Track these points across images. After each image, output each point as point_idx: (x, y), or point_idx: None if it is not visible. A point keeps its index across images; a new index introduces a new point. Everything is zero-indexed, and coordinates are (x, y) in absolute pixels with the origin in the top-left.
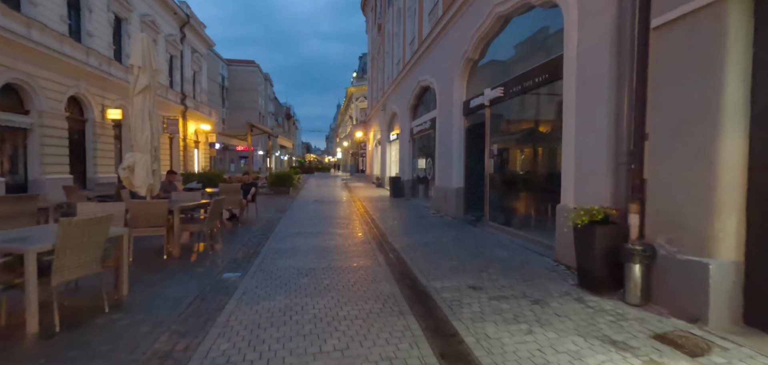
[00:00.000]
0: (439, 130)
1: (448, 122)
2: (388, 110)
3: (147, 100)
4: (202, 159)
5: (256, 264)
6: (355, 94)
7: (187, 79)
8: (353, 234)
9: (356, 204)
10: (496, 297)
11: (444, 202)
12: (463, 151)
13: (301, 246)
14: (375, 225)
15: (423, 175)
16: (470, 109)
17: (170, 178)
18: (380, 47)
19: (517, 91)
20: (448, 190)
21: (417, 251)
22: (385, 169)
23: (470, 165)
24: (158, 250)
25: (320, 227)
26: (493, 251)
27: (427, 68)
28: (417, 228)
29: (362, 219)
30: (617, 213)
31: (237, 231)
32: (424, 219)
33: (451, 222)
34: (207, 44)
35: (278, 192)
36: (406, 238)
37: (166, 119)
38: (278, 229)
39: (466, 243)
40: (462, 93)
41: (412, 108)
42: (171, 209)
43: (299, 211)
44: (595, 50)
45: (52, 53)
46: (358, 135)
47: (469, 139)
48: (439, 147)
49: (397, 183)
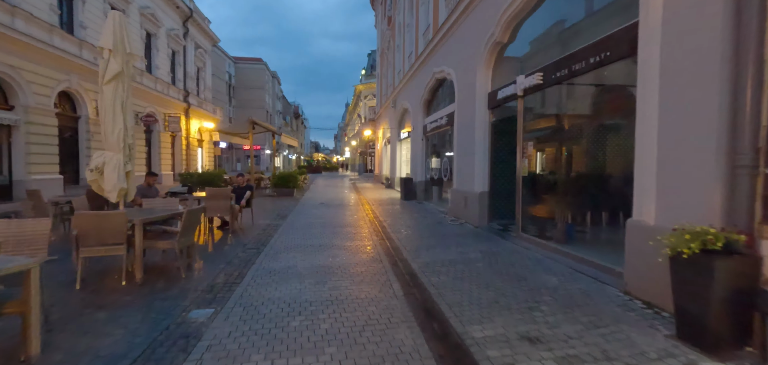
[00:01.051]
0: (458, 126)
1: (470, 117)
2: (398, 107)
3: (120, 90)
4: (206, 158)
5: (236, 295)
6: (364, 92)
7: (190, 75)
8: (361, 247)
9: (364, 209)
10: (565, 357)
11: (464, 208)
12: (487, 150)
13: (299, 266)
14: (386, 235)
15: (437, 176)
16: (497, 101)
17: (149, 181)
18: (390, 41)
19: (562, 76)
20: (469, 194)
21: (441, 273)
22: (395, 169)
23: (496, 165)
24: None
25: (323, 237)
26: (538, 275)
27: (444, 58)
28: (435, 239)
29: (371, 227)
30: (746, 240)
31: (225, 244)
32: (442, 228)
33: (474, 232)
34: (211, 40)
35: (282, 194)
36: (424, 254)
37: (167, 116)
38: (274, 241)
39: (500, 262)
40: (487, 83)
41: (425, 103)
42: (132, 222)
43: (302, 217)
44: (697, 12)
45: (40, 45)
46: (366, 133)
47: (496, 136)
48: (458, 145)
49: (409, 184)
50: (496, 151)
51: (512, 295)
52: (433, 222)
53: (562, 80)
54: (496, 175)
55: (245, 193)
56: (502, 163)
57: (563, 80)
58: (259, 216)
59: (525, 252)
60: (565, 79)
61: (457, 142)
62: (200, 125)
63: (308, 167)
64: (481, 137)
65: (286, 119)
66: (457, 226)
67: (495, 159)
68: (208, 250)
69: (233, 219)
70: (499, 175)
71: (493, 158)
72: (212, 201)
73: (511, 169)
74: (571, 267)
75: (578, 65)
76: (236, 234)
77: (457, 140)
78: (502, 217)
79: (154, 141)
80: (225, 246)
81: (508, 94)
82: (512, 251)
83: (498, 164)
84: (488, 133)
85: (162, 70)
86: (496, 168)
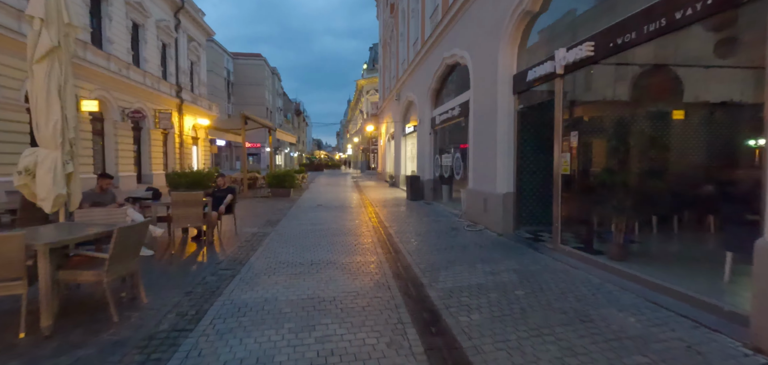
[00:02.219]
0: (474, 115)
1: (490, 105)
2: (403, 99)
3: (55, 70)
4: (202, 156)
5: (181, 353)
6: (366, 87)
7: (183, 69)
8: (363, 265)
9: (367, 211)
10: None
11: (483, 211)
12: (513, 143)
13: (280, 298)
14: (393, 246)
15: (448, 173)
16: (526, 84)
17: (103, 185)
18: (393, 30)
19: (627, 41)
20: (489, 196)
21: (471, 309)
22: (400, 166)
23: (524, 162)
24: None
25: (317, 251)
26: (605, 310)
27: (457, 39)
28: (454, 252)
29: (376, 235)
30: None
31: (194, 263)
32: (459, 236)
33: (498, 241)
34: (206, 33)
35: (278, 195)
36: (444, 275)
37: (158, 113)
38: (256, 257)
39: (546, 289)
40: (511, 63)
41: (433, 93)
42: (33, 247)
43: (295, 223)
44: None
45: (6, 33)
46: (368, 129)
47: (523, 126)
48: (475, 138)
49: (416, 183)
50: (523, 145)
51: (584, 352)
52: (447, 228)
53: (625, 48)
54: (524, 173)
55: (226, 197)
56: (532, 158)
57: (628, 47)
58: (247, 222)
59: (573, 272)
60: (633, 44)
61: (473, 134)
62: (195, 122)
63: (309, 165)
64: (504, 128)
65: (288, 116)
66: (476, 234)
67: (522, 154)
68: (168, 273)
69: (210, 228)
70: (527, 173)
71: (520, 153)
72: (180, 209)
73: (542, 165)
74: (646, 298)
75: (654, 24)
76: (213, 248)
77: (473, 132)
78: (530, 223)
79: (144, 139)
80: (192, 267)
81: (541, 74)
82: (555, 270)
83: (526, 160)
84: (514, 123)
85: (151, 64)
86: (524, 164)
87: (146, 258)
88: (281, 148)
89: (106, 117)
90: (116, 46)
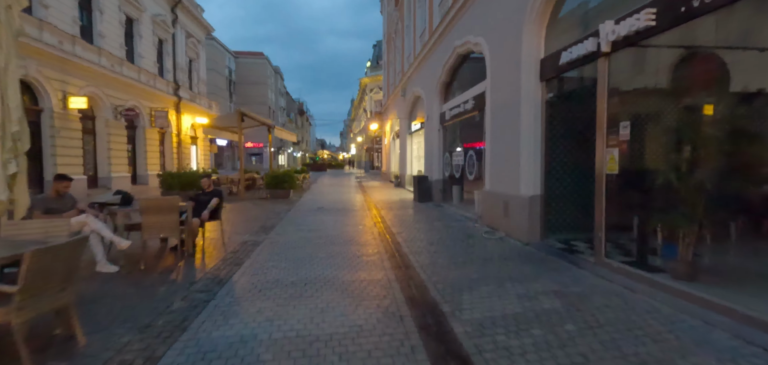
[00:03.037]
0: (491, 108)
1: (511, 94)
2: (408, 95)
3: None
4: (202, 157)
5: None
6: (369, 85)
7: (180, 67)
8: (368, 287)
9: (372, 215)
10: None
11: (502, 216)
12: (540, 138)
13: (260, 337)
14: (404, 259)
15: (459, 173)
16: (557, 69)
17: (59, 189)
18: (398, 23)
19: (705, 4)
20: (511, 199)
21: (513, 354)
22: (405, 165)
23: (555, 160)
24: None
25: (313, 267)
26: (699, 359)
27: (470, 25)
28: (476, 267)
29: (382, 243)
30: None
31: (164, 281)
32: (478, 245)
33: (525, 252)
34: (205, 29)
35: (276, 197)
36: (468, 300)
37: (153, 111)
38: (240, 274)
39: (604, 323)
40: (538, 46)
41: (443, 87)
42: None
43: (291, 229)
44: None
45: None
46: (372, 127)
47: (553, 118)
48: (493, 134)
49: (423, 183)
50: (552, 140)
51: None
52: (462, 235)
53: (701, 12)
54: (554, 173)
55: (210, 202)
56: (563, 156)
57: (706, 11)
58: (238, 227)
59: (631, 297)
60: (712, 8)
61: (490, 129)
62: (193, 121)
63: (312, 165)
64: (530, 120)
65: (291, 116)
66: (497, 242)
67: (551, 151)
68: (127, 297)
69: (191, 238)
70: (557, 173)
71: (549, 150)
72: (151, 217)
73: (576, 164)
74: (744, 339)
75: None
76: (191, 259)
77: (490, 127)
78: (561, 231)
79: (139, 138)
80: (161, 288)
81: (579, 55)
82: (607, 294)
83: (556, 158)
84: (541, 115)
85: (147, 60)
86: (554, 163)
87: (109, 276)
88: (284, 147)
89: (97, 115)
90: (108, 40)
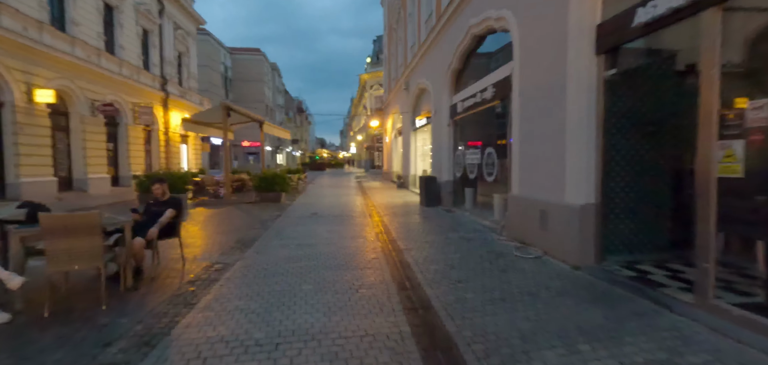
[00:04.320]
0: (521, 95)
1: (550, 74)
2: (412, 88)
3: None
4: (193, 156)
5: None
6: (369, 82)
7: (168, 60)
8: (370, 350)
9: (374, 223)
10: None
11: (539, 229)
12: (593, 129)
13: None
14: (418, 294)
15: (474, 173)
16: (626, 34)
17: None
18: (400, 12)
19: None
20: (552, 208)
21: None
22: (409, 164)
23: (617, 157)
24: None
25: (293, 310)
26: None
27: None
28: (521, 309)
29: (387, 267)
30: None
31: (69, 338)
32: (513, 270)
33: (580, 282)
34: (196, 21)
35: (267, 200)
36: None
37: (137, 107)
38: (184, 327)
39: None
40: (592, 8)
41: (454, 75)
42: None
43: (275, 245)
44: None
45: None
46: (373, 124)
47: (615, 102)
48: (524, 125)
49: (431, 185)
50: (613, 131)
51: None
52: (488, 253)
53: None
54: (614, 175)
55: (163, 214)
56: (629, 151)
57: None
58: (210, 241)
59: None
60: None
61: (519, 120)
62: (183, 118)
63: (311, 164)
64: (580, 107)
65: (289, 114)
66: (535, 264)
67: (611, 144)
68: None
69: (129, 266)
70: (619, 174)
71: (609, 144)
72: (59, 241)
73: (645, 160)
74: None
75: None
76: (125, 300)
77: (519, 117)
78: (622, 251)
79: (122, 136)
80: (57, 353)
81: (673, 7)
82: None
83: (618, 154)
84: (597, 99)
85: (129, 52)
86: (615, 162)
87: None
88: (282, 146)
89: (71, 110)
90: (83, 29)
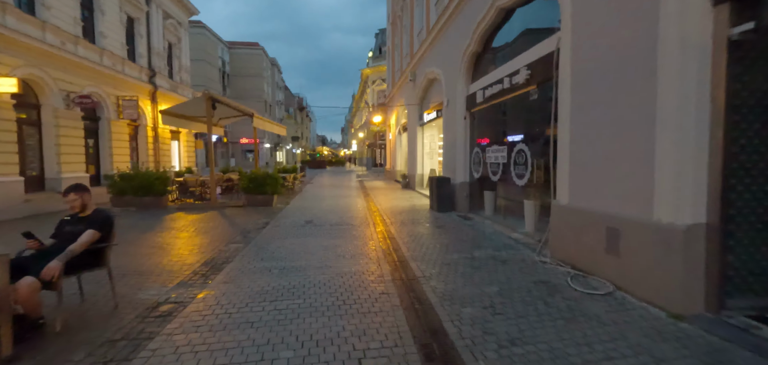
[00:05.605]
0: (576, 71)
1: (631, 38)
2: (420, 79)
3: None
4: (185, 153)
5: None
6: (372, 76)
7: (157, 51)
8: None
9: (378, 235)
10: None
11: (604, 252)
12: (708, 113)
13: None
14: (451, 363)
15: (497, 174)
16: None
17: None
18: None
19: None
20: (629, 227)
21: None
22: (415, 163)
23: (746, 156)
24: None
25: None
26: None
27: None
28: None
29: (402, 307)
30: None
31: None
32: (581, 316)
33: (690, 342)
34: (188, 11)
35: (256, 204)
36: None
37: (120, 100)
38: None
39: None
40: None
41: (471, 59)
42: None
43: (253, 269)
44: None
45: None
46: (375, 120)
47: (746, 74)
48: (579, 110)
49: (444, 188)
50: (740, 119)
51: None
52: (536, 287)
53: None
54: (744, 184)
55: (80, 237)
56: None
57: None
58: (170, 259)
59: None
60: None
61: (572, 104)
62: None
63: (311, 162)
64: (687, 80)
65: (289, 111)
66: (607, 305)
67: (738, 139)
68: None
69: (6, 323)
70: (753, 184)
71: (733, 137)
72: None
73: None
74: None
75: None
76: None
77: (571, 101)
78: (749, 293)
79: (103, 132)
80: None
81: None
82: None
83: (750, 153)
84: (711, 69)
85: (111, 40)
86: (745, 164)
87: None
88: (282, 143)
89: (43, 102)
90: (55, 13)
